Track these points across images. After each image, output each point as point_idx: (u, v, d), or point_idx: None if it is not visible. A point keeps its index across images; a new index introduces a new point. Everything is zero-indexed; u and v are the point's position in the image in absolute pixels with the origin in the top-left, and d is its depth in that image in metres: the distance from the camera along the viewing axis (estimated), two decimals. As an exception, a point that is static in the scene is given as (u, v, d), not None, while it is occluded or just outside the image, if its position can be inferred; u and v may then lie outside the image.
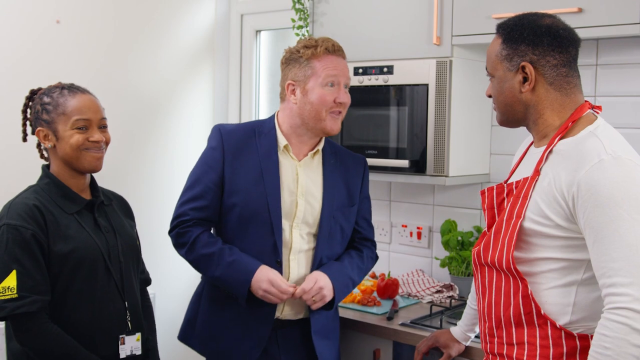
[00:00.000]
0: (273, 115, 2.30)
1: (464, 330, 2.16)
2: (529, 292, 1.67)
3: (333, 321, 2.34)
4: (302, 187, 2.22)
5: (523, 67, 1.70)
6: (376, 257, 2.44)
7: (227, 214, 2.21)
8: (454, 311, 2.60)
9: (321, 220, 2.22)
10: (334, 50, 2.19)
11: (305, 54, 2.17)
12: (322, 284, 2.15)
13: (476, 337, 2.17)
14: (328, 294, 2.17)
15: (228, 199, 2.20)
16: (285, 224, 2.19)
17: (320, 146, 2.27)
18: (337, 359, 2.35)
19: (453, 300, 2.73)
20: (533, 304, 1.67)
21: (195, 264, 2.21)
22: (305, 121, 2.19)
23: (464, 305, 2.34)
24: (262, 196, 2.16)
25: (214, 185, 2.20)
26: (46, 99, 1.98)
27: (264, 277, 2.11)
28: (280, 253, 2.17)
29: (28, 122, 2.07)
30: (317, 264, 2.22)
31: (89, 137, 1.96)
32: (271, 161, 2.20)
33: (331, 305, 2.22)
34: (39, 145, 2.08)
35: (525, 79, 1.70)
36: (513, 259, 1.67)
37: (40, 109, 1.98)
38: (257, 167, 2.19)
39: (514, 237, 1.67)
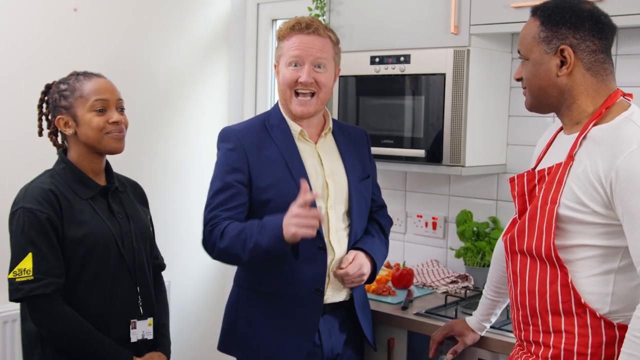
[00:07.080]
0: (276, 105, 2.24)
1: (480, 320, 2.15)
2: (569, 280, 1.64)
3: (365, 295, 2.39)
4: (327, 167, 2.20)
5: (562, 50, 1.67)
6: (391, 222, 2.44)
7: (261, 211, 2.10)
8: (469, 301, 2.60)
9: (350, 196, 2.21)
10: (301, 28, 2.10)
11: (279, 35, 2.17)
12: (365, 270, 2.17)
13: (492, 327, 2.17)
14: (366, 278, 2.20)
15: (260, 196, 2.12)
16: (320, 206, 2.15)
17: (330, 124, 2.25)
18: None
19: (468, 291, 2.72)
20: (572, 293, 1.64)
21: (231, 248, 2.04)
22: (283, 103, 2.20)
23: (479, 295, 2.33)
24: (292, 186, 2.06)
25: (243, 186, 2.12)
26: (62, 87, 2.01)
27: (288, 219, 1.93)
28: (323, 238, 2.12)
29: (44, 116, 2.08)
30: (353, 241, 2.22)
31: (108, 119, 1.99)
32: (291, 150, 2.16)
33: (370, 280, 2.25)
34: (51, 134, 2.08)
35: (562, 63, 1.68)
36: (555, 246, 1.65)
37: (57, 97, 2.00)
38: (280, 159, 2.14)
39: (553, 224, 1.64)
